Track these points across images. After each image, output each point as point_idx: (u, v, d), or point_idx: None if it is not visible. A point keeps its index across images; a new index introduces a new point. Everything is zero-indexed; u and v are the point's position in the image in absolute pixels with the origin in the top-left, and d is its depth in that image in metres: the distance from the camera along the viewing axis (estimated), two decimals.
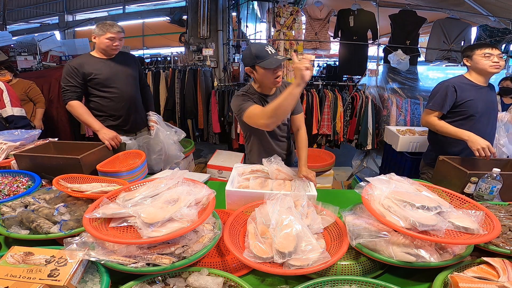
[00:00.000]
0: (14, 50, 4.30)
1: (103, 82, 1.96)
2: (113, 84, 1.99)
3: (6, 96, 2.16)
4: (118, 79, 2.01)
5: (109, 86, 1.98)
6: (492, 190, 1.35)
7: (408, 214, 0.94)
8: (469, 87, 1.80)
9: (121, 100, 2.03)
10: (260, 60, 1.41)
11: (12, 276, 0.79)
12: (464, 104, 1.78)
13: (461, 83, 1.81)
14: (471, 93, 1.78)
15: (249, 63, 1.46)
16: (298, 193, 1.20)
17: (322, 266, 0.88)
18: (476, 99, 1.78)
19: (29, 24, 7.59)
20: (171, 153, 2.12)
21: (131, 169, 1.54)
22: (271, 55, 1.41)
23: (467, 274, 0.86)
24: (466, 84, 1.81)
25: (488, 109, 1.82)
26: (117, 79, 2.01)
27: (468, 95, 1.78)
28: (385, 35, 4.96)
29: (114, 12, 7.61)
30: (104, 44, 1.93)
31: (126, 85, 2.04)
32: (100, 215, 0.95)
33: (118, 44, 1.96)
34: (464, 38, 3.98)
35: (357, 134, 3.71)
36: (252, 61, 1.44)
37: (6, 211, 1.12)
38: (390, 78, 3.83)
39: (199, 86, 3.95)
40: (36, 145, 1.81)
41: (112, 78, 1.99)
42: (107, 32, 1.90)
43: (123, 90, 2.03)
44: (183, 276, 0.89)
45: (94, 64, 1.95)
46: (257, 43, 1.47)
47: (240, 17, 4.99)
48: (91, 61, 1.96)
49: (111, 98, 2.01)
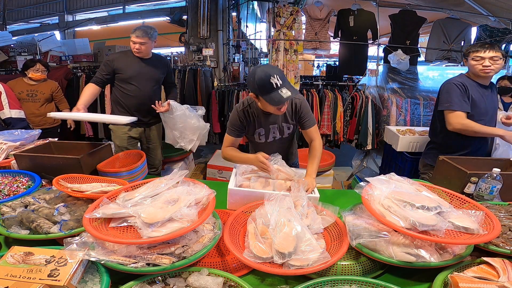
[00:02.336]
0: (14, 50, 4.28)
1: (126, 79, 2.20)
2: (134, 81, 2.21)
3: (4, 98, 2.15)
4: (142, 78, 2.23)
5: (131, 82, 2.21)
6: (492, 190, 1.35)
7: (408, 214, 0.94)
8: (473, 86, 1.80)
9: (135, 97, 2.23)
10: (263, 93, 1.30)
11: (12, 276, 0.79)
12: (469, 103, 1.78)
13: (465, 81, 1.81)
14: (474, 92, 1.79)
15: (253, 91, 1.36)
16: (298, 194, 1.20)
17: (322, 266, 0.88)
18: (479, 98, 1.78)
19: (29, 24, 7.57)
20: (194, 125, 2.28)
21: (131, 169, 1.55)
22: (276, 88, 1.27)
23: (467, 274, 0.86)
24: (471, 84, 1.81)
25: (490, 108, 1.82)
26: (142, 78, 2.23)
27: (474, 93, 1.78)
28: (385, 35, 4.95)
29: (114, 12, 7.59)
30: (131, 45, 2.15)
31: (146, 85, 2.24)
32: (100, 215, 0.95)
33: (139, 47, 2.13)
34: (464, 38, 3.98)
35: (357, 134, 3.71)
36: (255, 91, 1.35)
37: (6, 211, 1.12)
38: (390, 78, 3.83)
39: (199, 86, 3.94)
40: (36, 145, 1.81)
41: (138, 75, 2.21)
42: (131, 35, 2.12)
43: (142, 89, 2.23)
44: (183, 276, 0.89)
45: (126, 62, 2.20)
46: (262, 71, 1.28)
47: (240, 17, 4.99)
48: (124, 58, 2.22)
49: (130, 95, 2.23)
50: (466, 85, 1.78)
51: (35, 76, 2.77)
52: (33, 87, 2.82)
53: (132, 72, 2.20)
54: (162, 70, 2.34)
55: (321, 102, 3.63)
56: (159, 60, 2.36)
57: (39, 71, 2.79)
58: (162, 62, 2.37)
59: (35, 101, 2.81)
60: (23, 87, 2.78)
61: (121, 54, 2.26)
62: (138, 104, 2.26)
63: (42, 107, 2.85)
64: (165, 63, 2.40)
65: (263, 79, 1.26)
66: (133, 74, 2.20)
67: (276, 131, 1.60)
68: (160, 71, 2.32)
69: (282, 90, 1.27)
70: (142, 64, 2.22)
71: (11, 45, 4.33)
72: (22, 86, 2.79)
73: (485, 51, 1.70)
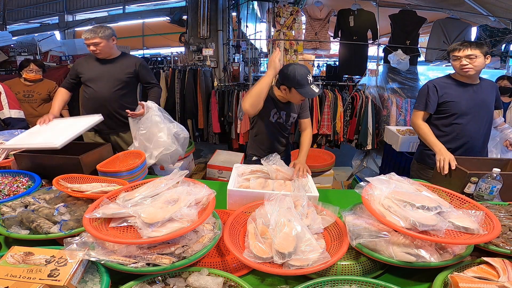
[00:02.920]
0: (14, 50, 4.29)
1: (85, 82, 2.16)
2: (92, 84, 2.14)
3: (4, 98, 2.14)
4: (99, 81, 2.13)
5: (89, 85, 2.15)
6: (492, 190, 1.35)
7: (408, 214, 0.94)
8: (451, 86, 1.81)
9: (92, 100, 2.16)
10: (299, 86, 1.54)
11: (12, 276, 0.79)
12: (445, 103, 1.80)
13: (443, 82, 1.83)
14: (453, 91, 1.80)
15: (288, 83, 1.58)
16: (298, 193, 1.20)
17: (322, 266, 0.88)
18: (459, 97, 1.78)
19: (29, 24, 7.58)
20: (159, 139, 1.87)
21: (131, 169, 1.54)
22: (309, 84, 1.55)
23: (467, 274, 0.86)
24: (449, 83, 1.82)
25: (475, 107, 1.79)
26: (99, 81, 2.13)
27: (449, 93, 1.80)
28: (385, 35, 4.96)
29: (114, 12, 7.60)
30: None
31: (103, 87, 2.13)
32: (100, 215, 0.95)
33: (94, 48, 2.05)
34: (464, 38, 3.97)
35: (357, 134, 3.71)
36: (291, 84, 1.56)
37: (6, 211, 1.12)
38: (390, 78, 3.83)
39: (199, 86, 3.95)
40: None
41: (95, 79, 2.14)
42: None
43: (97, 91, 2.14)
44: (183, 276, 0.89)
45: (87, 64, 2.16)
46: (302, 69, 1.55)
47: (240, 17, 4.99)
48: (87, 61, 2.17)
49: (87, 97, 2.19)
50: (439, 85, 1.81)
51: (29, 77, 2.75)
52: (29, 88, 2.80)
53: (91, 74, 2.13)
54: (128, 70, 2.17)
55: (321, 102, 3.63)
56: (126, 59, 2.22)
57: (33, 71, 2.76)
58: (129, 61, 2.21)
59: (31, 102, 2.79)
60: (20, 88, 2.76)
61: (86, 57, 2.21)
62: (96, 107, 2.11)
63: (39, 107, 2.83)
64: (132, 62, 2.21)
65: (303, 76, 1.53)
66: (91, 76, 2.13)
67: (284, 117, 1.81)
68: (125, 71, 2.16)
69: (313, 86, 1.56)
70: (103, 66, 2.14)
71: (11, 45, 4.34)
72: (19, 86, 2.76)
73: (461, 50, 1.69)
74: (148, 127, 1.89)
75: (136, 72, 2.20)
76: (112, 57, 2.16)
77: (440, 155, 1.62)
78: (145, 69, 2.25)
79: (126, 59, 2.22)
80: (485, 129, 1.86)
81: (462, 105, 1.78)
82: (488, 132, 1.89)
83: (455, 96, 1.79)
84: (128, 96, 2.24)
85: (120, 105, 2.15)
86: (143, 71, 2.24)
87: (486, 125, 1.85)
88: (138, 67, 2.20)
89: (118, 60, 2.18)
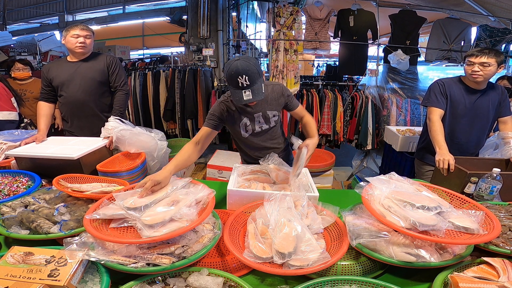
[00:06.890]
0: (14, 50, 4.29)
1: (58, 86, 2.01)
2: (64, 88, 2.00)
3: None
4: (71, 83, 1.99)
5: (61, 90, 2.01)
6: (492, 190, 1.35)
7: (408, 214, 0.94)
8: (457, 87, 1.85)
9: (67, 104, 2.03)
10: (230, 86, 1.32)
11: (12, 276, 0.79)
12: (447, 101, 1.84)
13: (450, 82, 1.87)
14: (457, 92, 1.83)
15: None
16: (298, 193, 1.19)
17: (322, 266, 0.88)
18: (460, 99, 1.82)
19: (29, 24, 7.58)
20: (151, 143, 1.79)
21: (131, 169, 1.54)
22: (240, 88, 1.26)
23: (467, 274, 0.86)
24: (456, 85, 1.86)
25: (473, 111, 1.83)
26: (71, 84, 1.99)
27: (452, 93, 1.83)
28: (385, 35, 4.96)
29: (114, 12, 7.60)
30: (70, 43, 1.94)
31: (76, 90, 1.99)
32: (100, 216, 0.95)
33: (84, 41, 1.94)
34: (464, 38, 3.97)
35: (357, 134, 3.71)
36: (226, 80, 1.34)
37: (6, 211, 1.12)
38: (390, 78, 3.83)
39: (199, 86, 3.94)
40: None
41: (66, 82, 1.99)
42: (70, 30, 1.93)
43: (71, 95, 2.00)
44: (183, 276, 0.89)
45: (59, 68, 2.01)
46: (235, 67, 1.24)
47: (240, 17, 5.00)
48: (58, 66, 2.02)
49: (62, 102, 2.05)
50: (446, 84, 1.85)
51: (17, 75, 2.78)
52: (21, 87, 2.82)
53: (63, 76, 1.98)
54: (99, 67, 2.03)
55: (321, 102, 3.63)
56: (97, 56, 2.07)
57: (20, 69, 2.79)
58: (100, 58, 2.06)
59: (25, 100, 2.79)
60: (14, 88, 2.73)
61: (55, 62, 2.10)
62: (71, 113, 2.04)
63: (33, 106, 2.79)
64: (103, 59, 2.06)
65: (232, 75, 1.25)
66: (63, 79, 1.98)
67: (262, 119, 1.55)
68: (97, 69, 2.02)
69: (246, 91, 1.26)
70: (74, 67, 1.99)
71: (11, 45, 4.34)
72: (13, 86, 2.73)
73: (478, 56, 1.71)
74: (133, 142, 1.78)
75: (106, 70, 2.06)
76: (85, 57, 2.03)
77: (441, 155, 1.62)
78: (116, 68, 2.07)
79: (96, 56, 2.09)
80: (478, 133, 1.89)
81: (460, 107, 1.83)
82: (481, 138, 1.93)
83: (456, 97, 1.83)
84: (107, 96, 2.10)
85: (98, 106, 2.05)
86: (115, 70, 2.07)
87: (479, 131, 1.89)
88: (109, 64, 2.06)
89: (89, 58, 2.04)
